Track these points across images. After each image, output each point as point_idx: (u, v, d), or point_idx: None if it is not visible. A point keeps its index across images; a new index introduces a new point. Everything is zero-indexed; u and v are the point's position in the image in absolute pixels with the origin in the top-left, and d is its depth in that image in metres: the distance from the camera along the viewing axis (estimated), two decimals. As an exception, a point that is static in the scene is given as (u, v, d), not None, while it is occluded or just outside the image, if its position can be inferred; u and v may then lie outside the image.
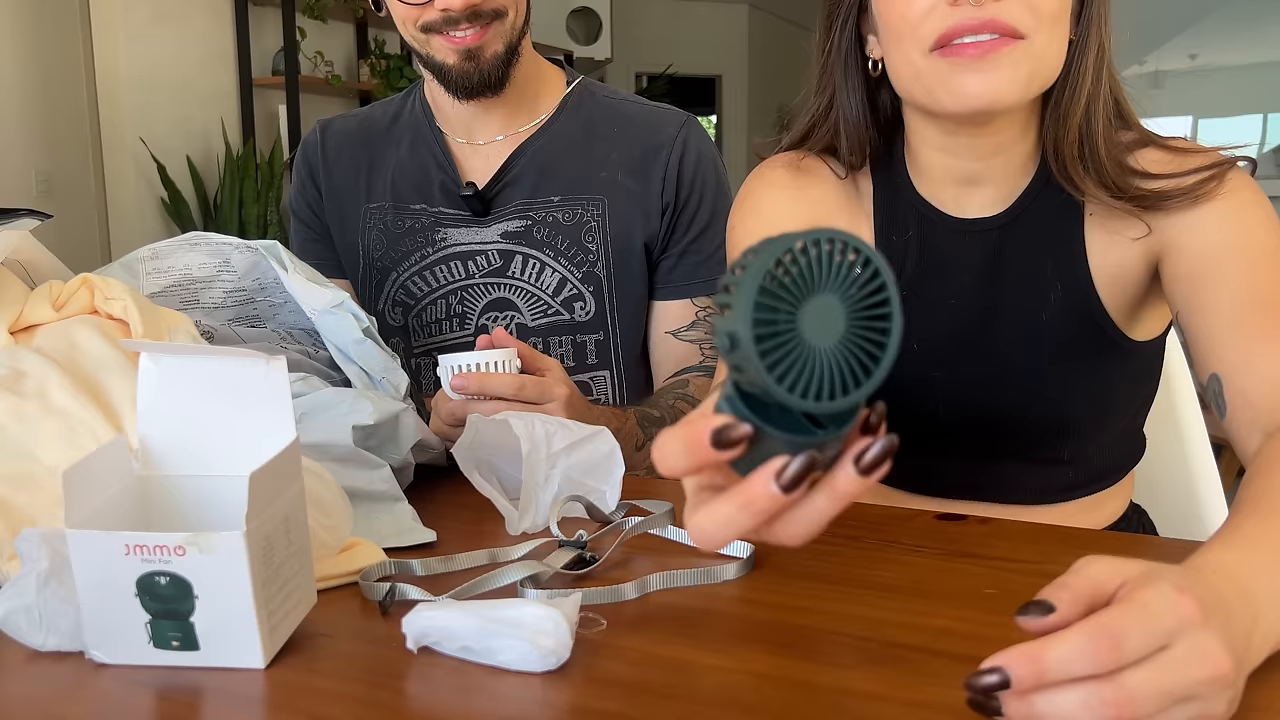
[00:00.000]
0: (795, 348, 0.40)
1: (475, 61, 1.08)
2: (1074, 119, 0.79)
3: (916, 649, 0.57)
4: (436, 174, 1.20)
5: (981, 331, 0.88)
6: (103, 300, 0.79)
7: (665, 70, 6.78)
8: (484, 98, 1.13)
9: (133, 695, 0.54)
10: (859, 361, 0.41)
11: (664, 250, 1.21)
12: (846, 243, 0.40)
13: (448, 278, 1.20)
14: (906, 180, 0.89)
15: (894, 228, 0.89)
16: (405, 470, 0.86)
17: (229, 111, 4.12)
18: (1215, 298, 0.74)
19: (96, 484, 0.57)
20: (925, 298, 0.88)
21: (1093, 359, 0.86)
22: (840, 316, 0.40)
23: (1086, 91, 0.79)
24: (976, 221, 0.86)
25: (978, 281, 0.87)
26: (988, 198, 0.86)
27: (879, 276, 0.41)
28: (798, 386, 0.40)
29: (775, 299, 0.39)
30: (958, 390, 0.89)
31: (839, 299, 0.40)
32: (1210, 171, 0.77)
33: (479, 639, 0.55)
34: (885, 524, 0.77)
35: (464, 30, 1.06)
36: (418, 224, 1.20)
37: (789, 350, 0.40)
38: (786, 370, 0.40)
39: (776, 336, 0.39)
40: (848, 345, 0.41)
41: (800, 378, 0.40)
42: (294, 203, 1.30)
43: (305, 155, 1.28)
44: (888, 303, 0.41)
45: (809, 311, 0.40)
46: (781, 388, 0.40)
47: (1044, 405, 0.88)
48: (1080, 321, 0.85)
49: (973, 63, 0.74)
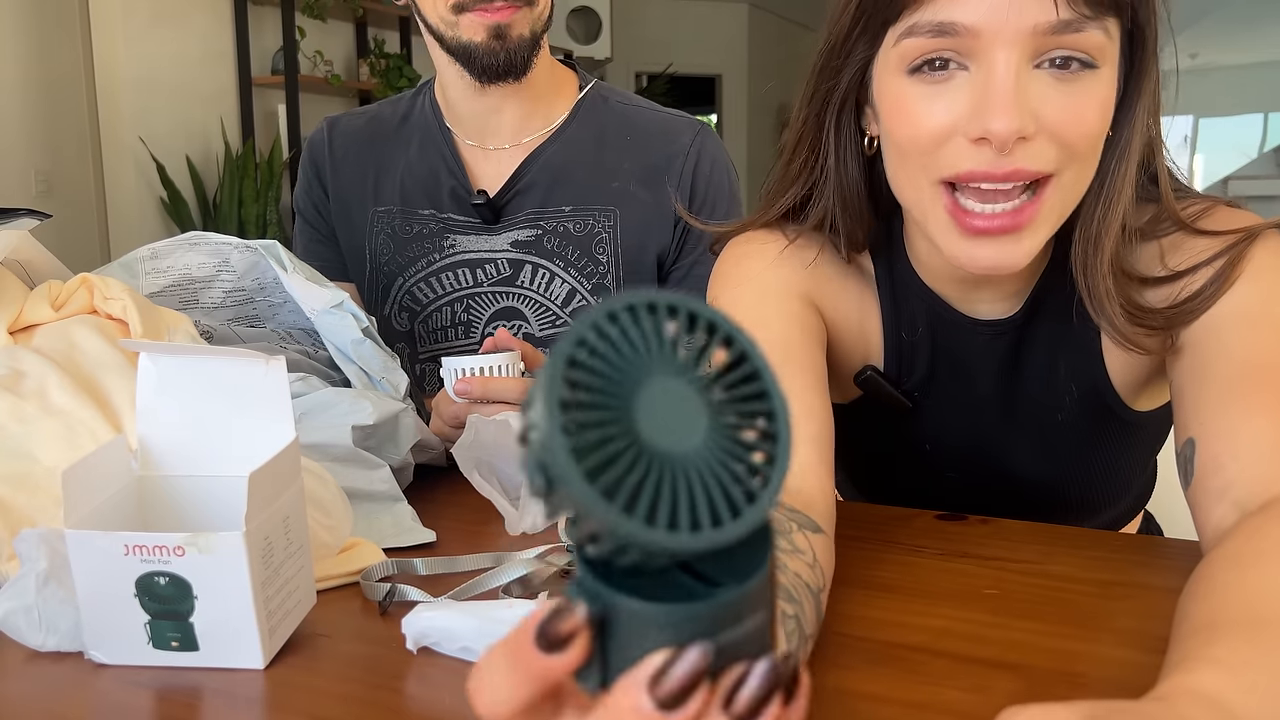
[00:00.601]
0: (636, 456, 0.26)
1: (503, 40, 1.08)
2: (1108, 240, 0.67)
3: (917, 649, 0.57)
4: (446, 179, 1.19)
5: (996, 433, 0.83)
6: (102, 300, 0.79)
7: (665, 70, 6.78)
8: (505, 83, 1.11)
9: (132, 696, 0.54)
10: (739, 463, 0.27)
11: (675, 261, 1.20)
12: (676, 307, 0.28)
13: (455, 285, 1.19)
14: (910, 269, 0.79)
15: (903, 323, 0.80)
16: (405, 470, 0.85)
17: (228, 111, 4.12)
18: (1210, 363, 0.65)
19: (95, 484, 0.57)
20: (937, 398, 0.82)
21: (1109, 444, 0.82)
22: (695, 407, 0.27)
23: (1124, 206, 0.67)
24: (992, 324, 0.78)
25: (993, 383, 0.81)
26: (998, 294, 0.77)
27: (735, 343, 0.28)
28: (658, 513, 0.26)
29: (591, 390, 0.27)
30: (970, 489, 0.86)
31: (686, 383, 0.28)
32: (1227, 259, 0.66)
33: (478, 639, 0.55)
34: (885, 524, 0.77)
35: (498, 6, 1.06)
36: (426, 229, 1.20)
37: (625, 459, 0.26)
38: (626, 489, 0.26)
39: (605, 445, 0.26)
40: (716, 444, 0.27)
41: (654, 498, 0.26)
42: (299, 201, 1.29)
43: (312, 154, 1.27)
44: (757, 375, 0.28)
45: (647, 404, 0.27)
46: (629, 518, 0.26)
47: (1061, 490, 0.85)
48: (1097, 414, 0.79)
49: (985, 236, 0.64)
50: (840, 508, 0.80)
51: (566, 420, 0.26)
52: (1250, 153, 9.59)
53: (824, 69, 0.71)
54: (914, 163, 0.66)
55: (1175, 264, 0.68)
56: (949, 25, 0.61)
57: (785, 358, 0.71)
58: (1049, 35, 0.60)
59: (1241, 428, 0.61)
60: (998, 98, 0.60)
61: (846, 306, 0.80)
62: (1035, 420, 0.81)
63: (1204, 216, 0.70)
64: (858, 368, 0.82)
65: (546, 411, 0.26)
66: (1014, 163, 0.61)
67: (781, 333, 0.73)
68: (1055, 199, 0.64)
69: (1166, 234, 0.70)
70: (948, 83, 0.63)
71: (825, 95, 0.72)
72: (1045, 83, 0.61)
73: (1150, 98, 0.67)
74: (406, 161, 1.22)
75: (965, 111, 0.62)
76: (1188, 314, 0.66)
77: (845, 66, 0.69)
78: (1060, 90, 0.61)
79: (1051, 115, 0.61)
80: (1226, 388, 0.63)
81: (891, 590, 0.65)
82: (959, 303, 0.78)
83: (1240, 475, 0.59)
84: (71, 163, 3.73)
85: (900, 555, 0.71)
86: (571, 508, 0.26)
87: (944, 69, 0.63)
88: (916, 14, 0.62)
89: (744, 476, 0.27)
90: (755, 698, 0.27)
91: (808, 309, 0.76)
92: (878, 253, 0.80)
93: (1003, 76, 0.60)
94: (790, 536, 0.58)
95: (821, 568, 0.58)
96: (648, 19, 6.88)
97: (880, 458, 0.91)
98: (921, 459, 0.86)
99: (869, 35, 0.67)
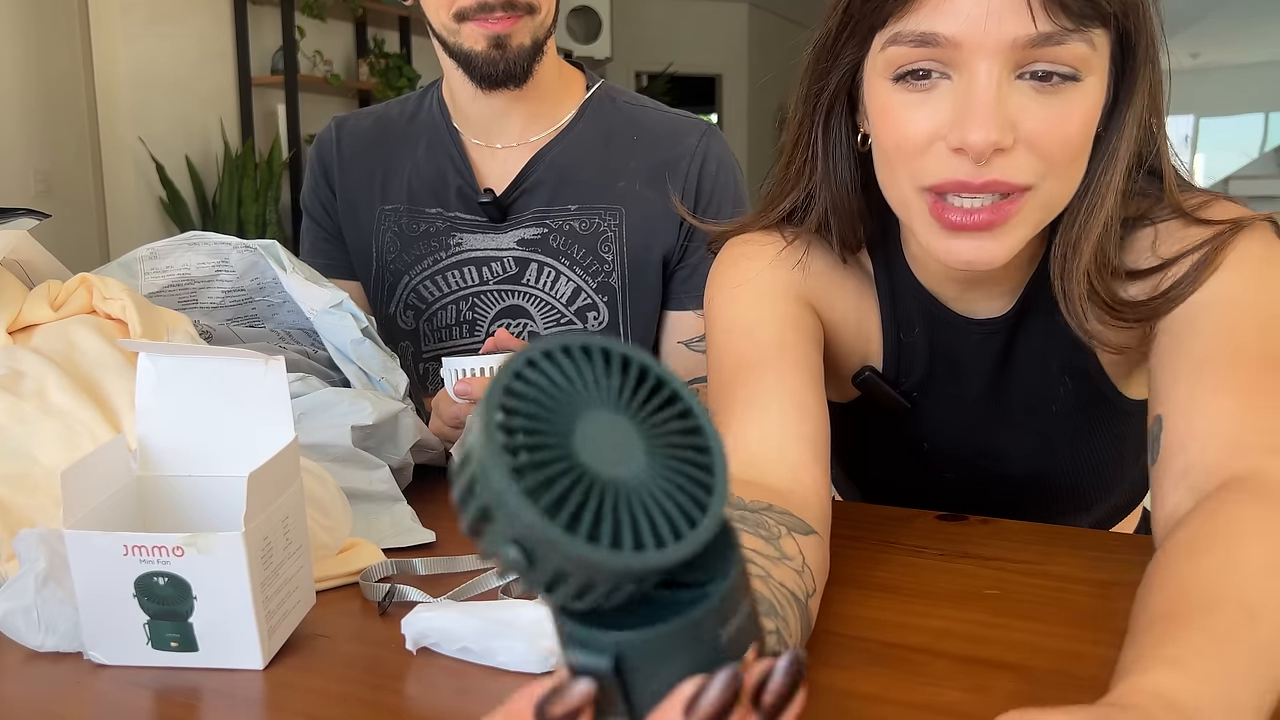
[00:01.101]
0: (578, 478, 0.27)
1: (502, 50, 1.08)
2: (1087, 245, 0.67)
3: (917, 649, 0.56)
4: (453, 178, 1.20)
5: (993, 430, 0.83)
6: (101, 300, 0.79)
7: (665, 69, 6.78)
8: (507, 90, 1.12)
9: (131, 696, 0.54)
10: (685, 477, 0.28)
11: (680, 261, 1.20)
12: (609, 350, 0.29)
13: (461, 283, 1.20)
14: (906, 269, 0.79)
15: (901, 324, 0.80)
16: (404, 470, 0.85)
17: (228, 111, 4.12)
18: (1185, 343, 0.65)
19: (95, 484, 0.57)
20: (935, 398, 0.82)
21: (1104, 433, 0.82)
22: (633, 439, 0.28)
23: (1107, 211, 0.67)
24: (984, 323, 0.78)
25: (988, 381, 0.81)
26: (992, 292, 0.77)
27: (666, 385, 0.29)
28: (622, 535, 0.26)
29: (530, 417, 0.27)
30: (967, 489, 0.86)
31: (624, 418, 0.28)
32: (1211, 246, 0.67)
33: (478, 640, 0.55)
34: (886, 524, 0.77)
35: (498, 16, 1.06)
36: (432, 228, 1.20)
37: (581, 489, 0.27)
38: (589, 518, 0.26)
39: (545, 467, 0.26)
40: (659, 463, 0.28)
41: (618, 522, 0.27)
42: (306, 201, 1.29)
43: (320, 153, 1.27)
44: (690, 413, 0.29)
45: (586, 435, 0.27)
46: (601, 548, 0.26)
47: (1058, 483, 0.85)
48: (1091, 405, 0.79)
49: (964, 232, 0.64)
50: (840, 508, 0.80)
51: (507, 441, 0.26)
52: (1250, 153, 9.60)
53: (814, 71, 0.72)
54: (900, 169, 0.66)
55: (1165, 252, 0.69)
56: (931, 35, 0.61)
57: (780, 357, 0.72)
58: (1029, 49, 0.60)
59: (1207, 406, 0.61)
60: (977, 110, 0.60)
61: (844, 307, 0.80)
62: (1031, 415, 0.81)
63: (1203, 207, 0.70)
64: (856, 368, 0.82)
65: (485, 436, 0.26)
66: (991, 173, 0.62)
67: (777, 334, 0.73)
68: (1033, 204, 0.64)
69: (1163, 219, 0.70)
70: (930, 91, 0.63)
71: (815, 95, 0.72)
72: (1026, 94, 0.61)
73: (1143, 103, 0.67)
74: (414, 161, 1.22)
75: (946, 120, 0.62)
76: (1168, 303, 0.67)
77: (834, 68, 0.70)
78: (1041, 102, 0.61)
79: (1031, 126, 0.61)
80: (1197, 366, 0.63)
81: (892, 591, 0.65)
82: (953, 301, 0.78)
83: (1200, 458, 0.60)
84: (70, 163, 3.73)
85: (900, 555, 0.71)
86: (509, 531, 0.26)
87: (927, 78, 0.63)
88: (900, 23, 0.63)
89: (688, 493, 0.28)
90: (782, 692, 0.28)
91: (805, 310, 0.77)
92: (875, 252, 0.80)
93: (983, 88, 0.60)
94: (778, 542, 0.57)
95: (812, 572, 0.58)
96: (648, 19, 6.88)
97: (879, 457, 0.91)
98: (919, 458, 0.86)
99: (857, 38, 0.67)
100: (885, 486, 0.93)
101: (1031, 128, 0.61)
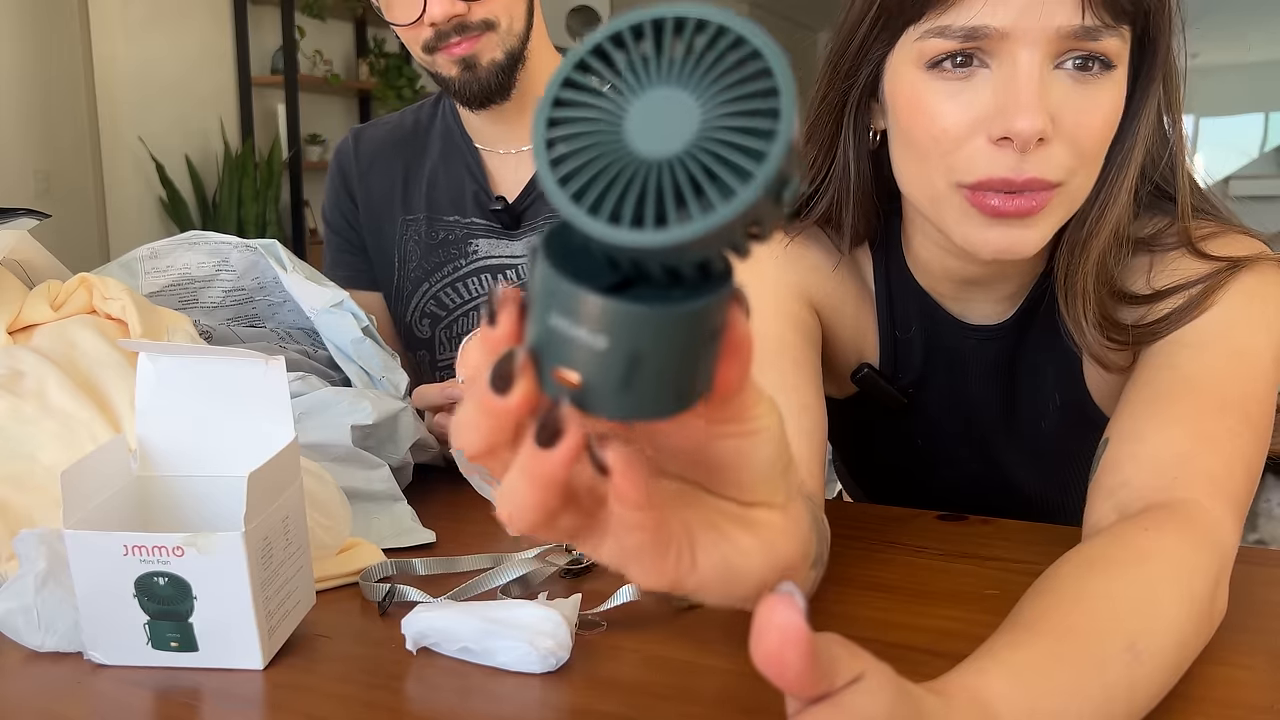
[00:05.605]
0: (610, 161, 0.26)
1: (473, 71, 1.09)
2: (1095, 245, 0.67)
3: (918, 650, 0.56)
4: (470, 185, 1.20)
5: (986, 435, 0.84)
6: (101, 300, 0.79)
7: (665, 69, 6.78)
8: (495, 105, 1.12)
9: (131, 696, 0.53)
10: (718, 159, 0.25)
11: None
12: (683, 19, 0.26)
13: (478, 291, 1.20)
14: (904, 269, 0.79)
15: (897, 322, 0.81)
16: (404, 470, 0.85)
17: (228, 110, 4.12)
18: (1152, 375, 0.65)
19: (95, 484, 0.57)
20: (931, 396, 0.83)
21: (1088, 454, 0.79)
22: (694, 113, 0.26)
23: (1117, 211, 0.67)
24: (981, 329, 0.78)
25: (982, 387, 0.81)
26: (991, 299, 0.77)
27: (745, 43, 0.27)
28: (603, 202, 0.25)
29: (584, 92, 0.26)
30: (965, 487, 0.87)
31: (692, 94, 0.26)
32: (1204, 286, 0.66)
33: (478, 640, 0.55)
34: (886, 524, 0.77)
35: (455, 41, 1.07)
36: (451, 235, 1.20)
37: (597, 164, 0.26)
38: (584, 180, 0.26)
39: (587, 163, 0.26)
40: (703, 143, 0.25)
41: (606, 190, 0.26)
42: (328, 214, 1.30)
43: (340, 165, 1.28)
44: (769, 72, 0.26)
45: (641, 118, 0.26)
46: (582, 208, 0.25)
47: (1049, 492, 0.85)
48: (1078, 424, 0.79)
49: (1001, 219, 0.64)
50: (840, 508, 0.80)
51: (551, 136, 0.26)
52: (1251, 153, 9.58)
53: (840, 68, 0.71)
54: (933, 163, 0.65)
55: (1159, 283, 0.68)
56: (982, 29, 0.60)
57: (780, 353, 0.72)
58: (1070, 39, 0.60)
59: (1153, 435, 0.61)
60: (1023, 97, 0.60)
61: (843, 304, 0.80)
62: (1020, 426, 0.82)
63: (1210, 239, 0.69)
64: (854, 365, 0.83)
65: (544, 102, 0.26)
66: (1032, 170, 0.61)
67: (777, 331, 0.74)
68: (1061, 198, 0.64)
69: (1164, 249, 0.69)
70: (969, 80, 0.62)
71: (843, 94, 0.71)
72: (1064, 83, 0.61)
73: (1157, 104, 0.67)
74: (432, 169, 1.23)
75: (987, 110, 0.62)
76: (1151, 335, 0.67)
77: (863, 65, 0.69)
78: (1078, 91, 0.61)
79: (1069, 117, 0.61)
80: (1154, 397, 0.63)
81: (892, 591, 0.65)
82: (952, 304, 0.78)
83: (1133, 478, 0.60)
84: (70, 162, 3.73)
85: (901, 556, 0.71)
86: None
87: (966, 65, 0.62)
88: (944, 17, 0.62)
89: (715, 169, 0.25)
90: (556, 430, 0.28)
91: (804, 308, 0.77)
92: (876, 249, 0.80)
93: (1027, 76, 0.60)
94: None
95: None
96: (647, 18, 6.88)
97: (879, 451, 0.91)
98: (916, 456, 0.86)
99: (888, 34, 0.66)
100: (885, 485, 0.93)
101: (1069, 118, 0.61)
